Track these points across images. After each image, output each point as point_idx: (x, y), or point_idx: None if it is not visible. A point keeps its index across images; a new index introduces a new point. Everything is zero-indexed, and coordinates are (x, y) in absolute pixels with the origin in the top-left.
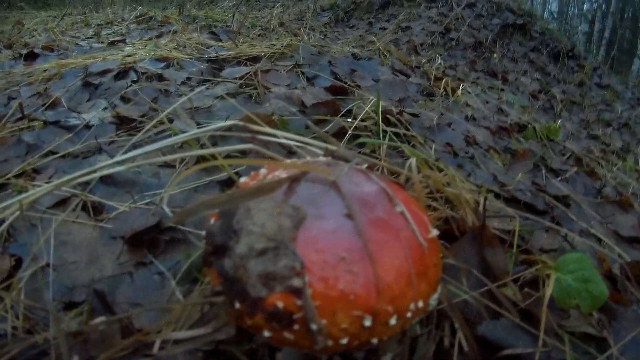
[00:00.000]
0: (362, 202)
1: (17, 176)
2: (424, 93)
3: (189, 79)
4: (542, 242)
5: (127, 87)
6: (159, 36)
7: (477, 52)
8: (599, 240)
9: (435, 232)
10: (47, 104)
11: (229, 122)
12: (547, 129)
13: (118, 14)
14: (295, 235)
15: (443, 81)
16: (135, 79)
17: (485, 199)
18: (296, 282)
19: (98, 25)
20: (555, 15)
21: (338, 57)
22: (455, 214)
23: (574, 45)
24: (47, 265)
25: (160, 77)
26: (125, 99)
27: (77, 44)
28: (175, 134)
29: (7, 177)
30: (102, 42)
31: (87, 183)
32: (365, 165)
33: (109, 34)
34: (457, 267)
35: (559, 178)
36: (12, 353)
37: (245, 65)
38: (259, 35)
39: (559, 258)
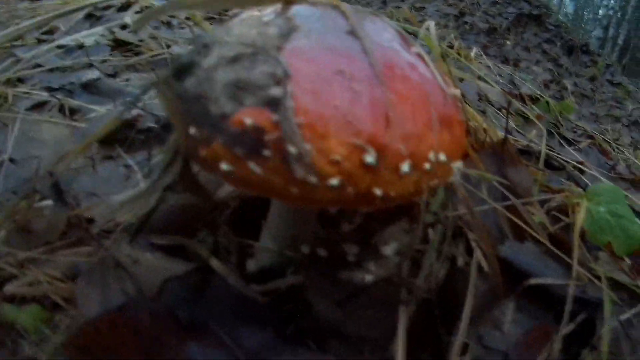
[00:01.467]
0: (373, 32)
1: (4, 84)
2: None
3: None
4: None
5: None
6: None
7: (491, 37)
8: None
9: (457, 91)
10: (45, 31)
11: None
12: (561, 106)
13: None
14: (282, 44)
15: (456, 44)
16: (138, 10)
17: (509, 103)
18: (274, 91)
19: None
20: (571, 18)
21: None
22: (471, 126)
23: (588, 41)
24: (10, 160)
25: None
26: (125, 27)
27: None
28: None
29: None
30: None
31: (70, 91)
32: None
33: None
34: (477, 179)
35: (573, 148)
36: None
37: None
38: None
39: (589, 187)
